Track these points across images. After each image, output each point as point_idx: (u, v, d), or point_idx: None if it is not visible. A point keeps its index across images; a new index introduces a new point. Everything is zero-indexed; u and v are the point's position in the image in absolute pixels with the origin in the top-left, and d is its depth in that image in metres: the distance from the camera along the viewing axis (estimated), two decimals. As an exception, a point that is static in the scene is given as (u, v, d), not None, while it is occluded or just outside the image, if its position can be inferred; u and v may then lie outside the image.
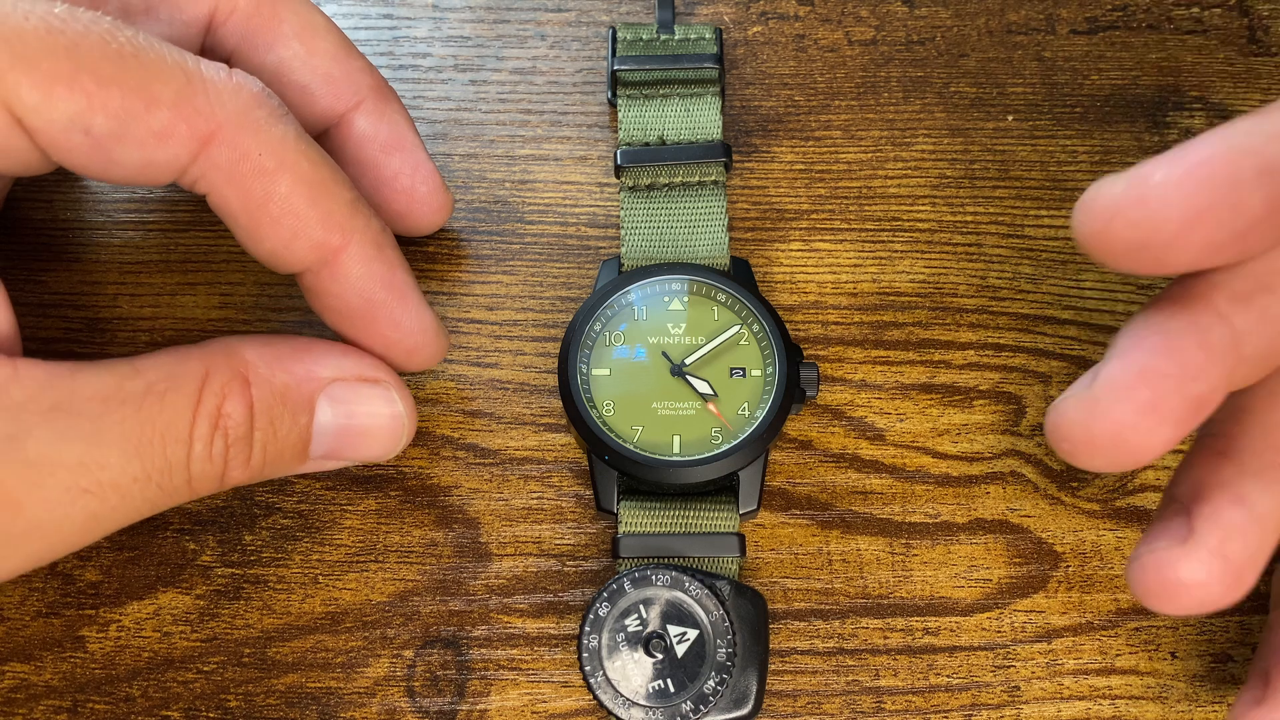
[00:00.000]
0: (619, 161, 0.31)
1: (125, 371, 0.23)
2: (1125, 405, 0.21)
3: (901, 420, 0.30)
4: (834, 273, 0.31)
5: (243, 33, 0.27)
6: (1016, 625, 0.28)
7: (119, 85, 0.22)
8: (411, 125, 0.29)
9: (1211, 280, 0.22)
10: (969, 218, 0.32)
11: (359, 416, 0.26)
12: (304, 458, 0.26)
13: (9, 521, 0.21)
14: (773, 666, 0.28)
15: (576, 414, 0.28)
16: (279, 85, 0.27)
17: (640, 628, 0.26)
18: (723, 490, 0.28)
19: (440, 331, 0.27)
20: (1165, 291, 0.23)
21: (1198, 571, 0.22)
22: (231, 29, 0.27)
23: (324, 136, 0.29)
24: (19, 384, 0.22)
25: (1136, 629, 0.28)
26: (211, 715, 0.27)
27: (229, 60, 0.28)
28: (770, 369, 0.28)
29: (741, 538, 0.27)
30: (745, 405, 0.28)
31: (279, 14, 0.27)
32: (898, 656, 0.28)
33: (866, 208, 0.32)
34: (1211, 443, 0.24)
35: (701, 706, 0.25)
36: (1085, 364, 0.30)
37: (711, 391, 0.28)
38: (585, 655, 0.26)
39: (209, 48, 0.28)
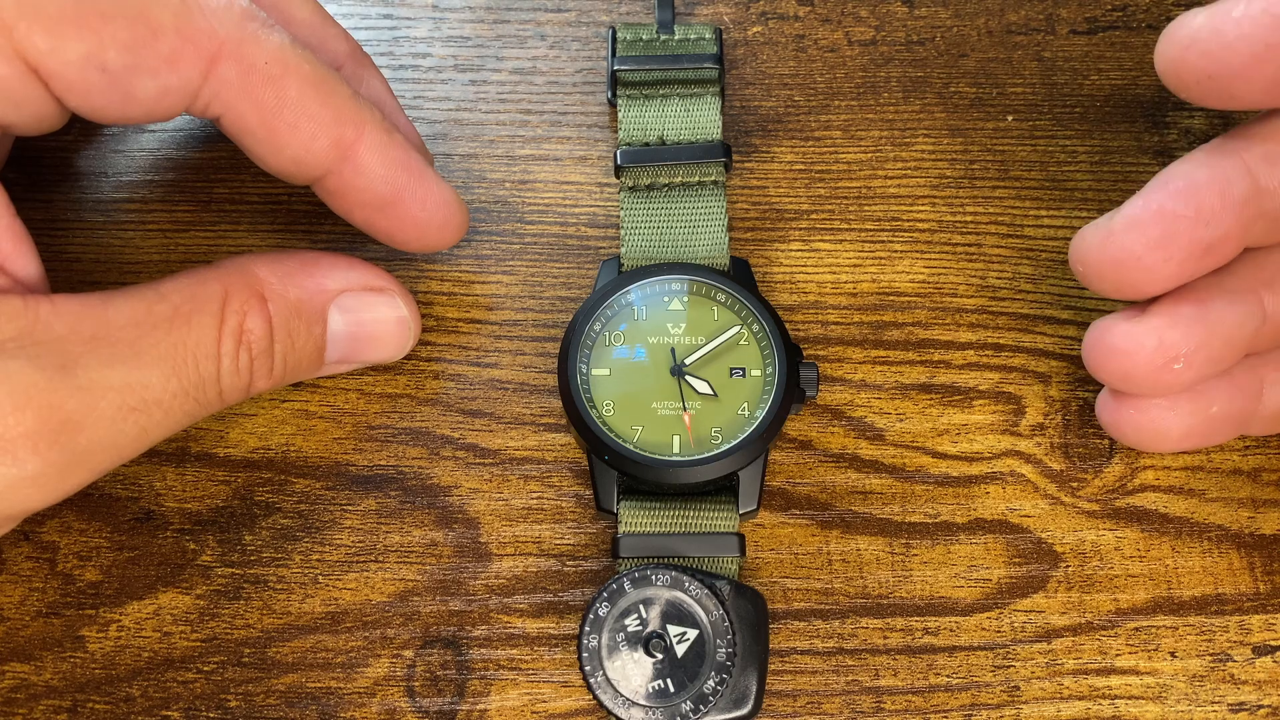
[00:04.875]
0: (619, 161, 0.31)
1: (151, 297, 0.24)
2: (1136, 238, 0.24)
3: (901, 420, 0.30)
4: (834, 273, 0.31)
5: None
6: (1016, 625, 0.28)
7: (123, 18, 0.23)
8: (388, 88, 0.30)
9: (1249, 136, 0.24)
10: (969, 218, 0.32)
11: (367, 323, 0.28)
12: (320, 363, 0.27)
13: (72, 441, 0.23)
14: (773, 666, 0.28)
15: (576, 414, 0.28)
16: None
17: (640, 628, 0.26)
18: (722, 490, 0.28)
19: (460, 201, 0.28)
20: (1205, 144, 0.25)
21: (1126, 340, 0.25)
22: None
23: None
24: (59, 318, 0.23)
25: (1136, 629, 0.28)
26: (211, 715, 0.27)
27: None
28: (770, 369, 0.28)
29: (741, 538, 0.27)
30: (745, 405, 0.28)
31: None
32: (897, 656, 0.28)
33: (866, 208, 0.32)
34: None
35: (701, 706, 0.25)
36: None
37: (711, 391, 0.28)
38: (585, 655, 0.26)
39: None
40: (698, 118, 0.31)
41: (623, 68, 0.32)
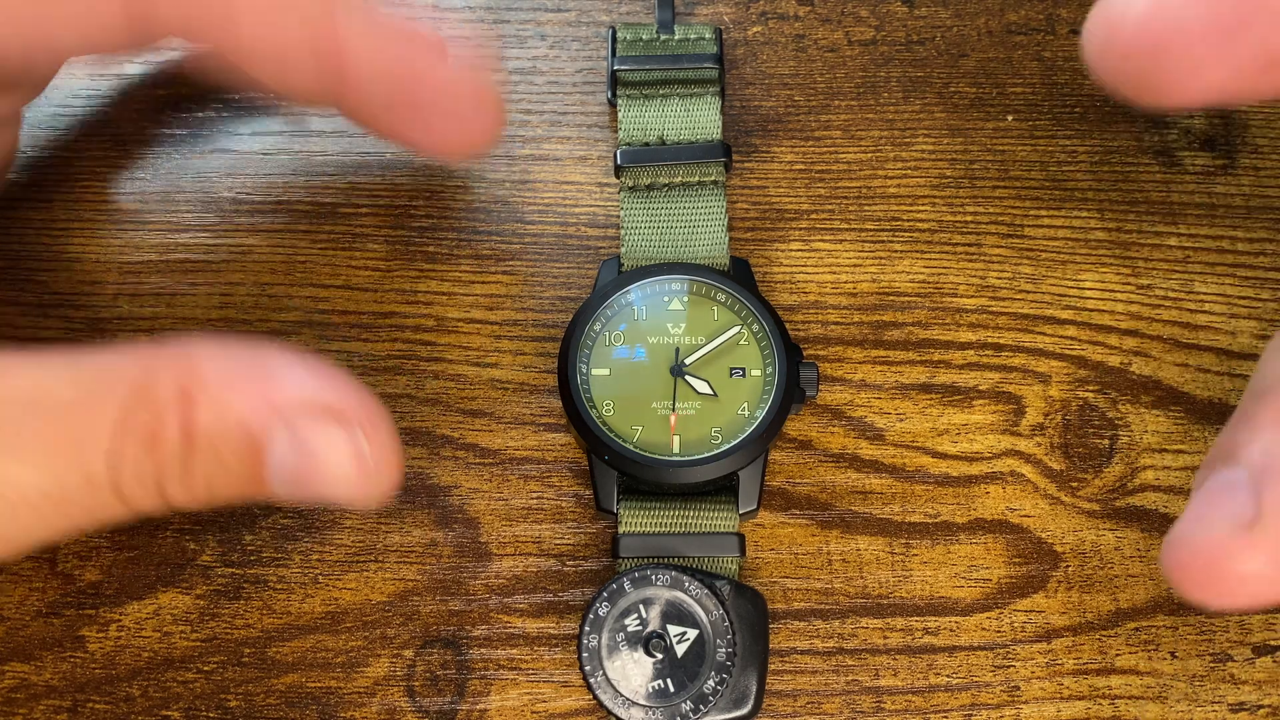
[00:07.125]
0: (619, 161, 0.31)
1: (59, 372, 0.21)
2: (1193, 15, 0.17)
3: (901, 420, 0.30)
4: (834, 273, 0.31)
5: None
6: (1016, 625, 0.28)
7: None
8: None
9: None
10: (969, 218, 0.32)
11: (316, 454, 0.21)
12: (260, 488, 0.22)
13: None
14: (773, 666, 0.28)
15: (576, 414, 0.28)
16: None
17: (640, 627, 0.26)
18: (722, 490, 0.28)
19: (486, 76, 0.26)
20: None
21: (1261, 564, 0.18)
22: None
23: None
24: None
25: (1136, 629, 0.28)
26: (211, 715, 0.27)
27: None
28: (770, 369, 0.28)
29: (741, 538, 0.27)
30: (745, 405, 0.28)
31: None
32: (897, 656, 0.28)
33: (866, 208, 0.32)
34: (1275, 400, 0.19)
35: (701, 706, 0.25)
36: (1085, 364, 0.30)
37: (711, 391, 0.28)
38: (585, 655, 0.26)
39: None
40: (698, 118, 0.31)
41: (623, 68, 0.32)
